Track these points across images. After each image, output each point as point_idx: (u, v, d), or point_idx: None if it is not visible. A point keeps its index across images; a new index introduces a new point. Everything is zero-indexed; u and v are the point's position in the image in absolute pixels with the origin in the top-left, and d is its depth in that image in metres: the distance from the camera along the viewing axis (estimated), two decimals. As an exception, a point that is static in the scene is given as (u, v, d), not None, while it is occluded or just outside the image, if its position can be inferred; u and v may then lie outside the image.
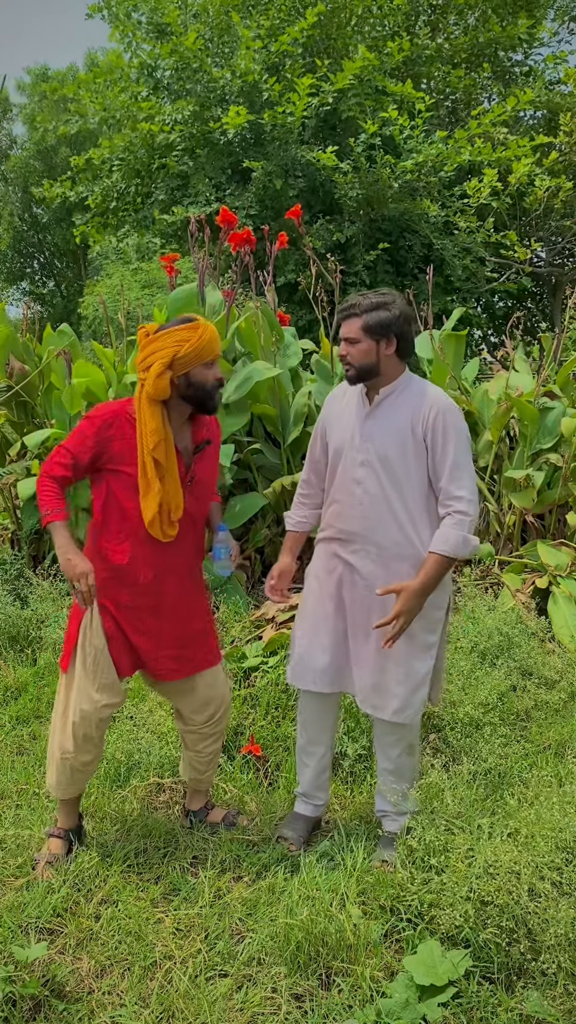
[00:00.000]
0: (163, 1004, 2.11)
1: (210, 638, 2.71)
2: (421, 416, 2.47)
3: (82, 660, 2.53)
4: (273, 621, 4.21)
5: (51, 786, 2.65)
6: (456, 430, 2.47)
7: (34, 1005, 2.10)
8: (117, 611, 2.53)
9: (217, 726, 2.72)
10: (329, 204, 10.62)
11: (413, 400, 2.50)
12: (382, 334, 2.47)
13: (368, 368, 2.50)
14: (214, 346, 2.41)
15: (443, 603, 2.60)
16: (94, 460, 2.44)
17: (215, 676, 2.69)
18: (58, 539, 2.39)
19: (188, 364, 2.38)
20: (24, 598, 4.63)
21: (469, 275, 10.65)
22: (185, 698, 2.68)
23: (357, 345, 2.49)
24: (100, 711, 2.53)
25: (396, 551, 2.52)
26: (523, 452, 5.11)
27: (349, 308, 2.50)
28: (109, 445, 2.43)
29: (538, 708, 3.58)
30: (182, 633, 2.61)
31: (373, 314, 2.46)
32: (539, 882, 2.14)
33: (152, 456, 2.39)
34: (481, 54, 12.29)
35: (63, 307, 23.30)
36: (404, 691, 2.56)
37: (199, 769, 2.78)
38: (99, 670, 2.52)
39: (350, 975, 2.17)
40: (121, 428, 2.43)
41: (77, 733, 2.53)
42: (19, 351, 5.35)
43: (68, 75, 22.54)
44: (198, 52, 10.44)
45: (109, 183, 11.44)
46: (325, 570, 2.67)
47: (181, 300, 4.94)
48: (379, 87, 10.61)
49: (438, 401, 2.49)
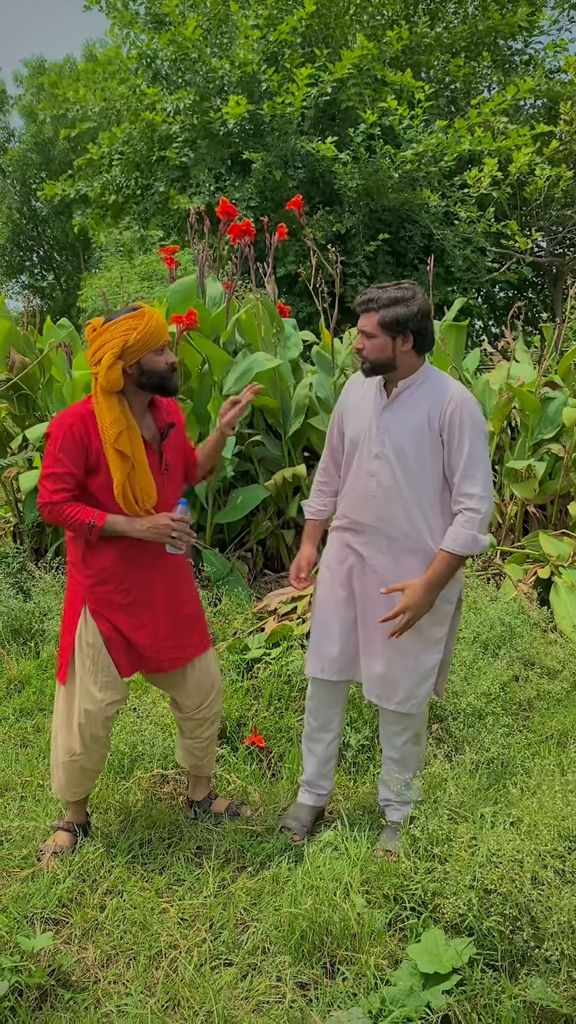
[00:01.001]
0: (168, 993, 2.12)
1: (200, 622, 2.72)
2: (439, 411, 2.45)
3: (81, 662, 2.52)
4: (275, 613, 4.22)
5: (58, 791, 2.65)
6: (474, 425, 2.45)
7: (40, 995, 2.11)
8: (111, 613, 2.52)
9: (211, 709, 2.73)
10: (329, 195, 10.59)
11: (432, 394, 2.48)
12: (398, 331, 2.43)
13: (383, 363, 2.48)
14: (161, 332, 2.38)
15: (453, 596, 2.60)
16: (86, 464, 2.41)
17: (206, 660, 2.71)
18: (121, 527, 2.40)
19: (138, 352, 2.36)
20: (27, 591, 4.63)
21: (470, 265, 10.63)
22: (179, 685, 2.68)
23: (373, 340, 2.45)
24: (104, 709, 2.53)
25: (407, 544, 2.52)
26: (524, 442, 5.11)
27: (368, 302, 2.46)
28: (90, 445, 2.39)
29: (540, 698, 3.58)
30: (176, 621, 2.61)
31: (390, 310, 2.41)
32: (542, 870, 2.15)
33: (116, 448, 2.36)
34: (481, 42, 12.24)
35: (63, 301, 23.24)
36: (410, 682, 2.57)
37: (198, 756, 2.78)
38: (99, 668, 2.52)
39: (354, 963, 2.18)
40: (90, 423, 2.40)
41: (84, 734, 2.53)
42: (20, 344, 5.35)
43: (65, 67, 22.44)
44: (197, 42, 10.40)
45: (109, 177, 11.41)
46: (337, 559, 2.68)
47: (181, 292, 4.92)
48: (378, 76, 10.57)
49: (457, 395, 2.46)
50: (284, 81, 10.31)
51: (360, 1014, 1.98)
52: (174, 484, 2.58)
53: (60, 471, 2.39)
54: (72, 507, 2.40)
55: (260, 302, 5.17)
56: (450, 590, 2.56)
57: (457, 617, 2.68)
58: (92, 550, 2.48)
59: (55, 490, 2.40)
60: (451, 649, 2.71)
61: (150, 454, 2.48)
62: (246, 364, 4.81)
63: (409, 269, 10.58)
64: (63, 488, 2.40)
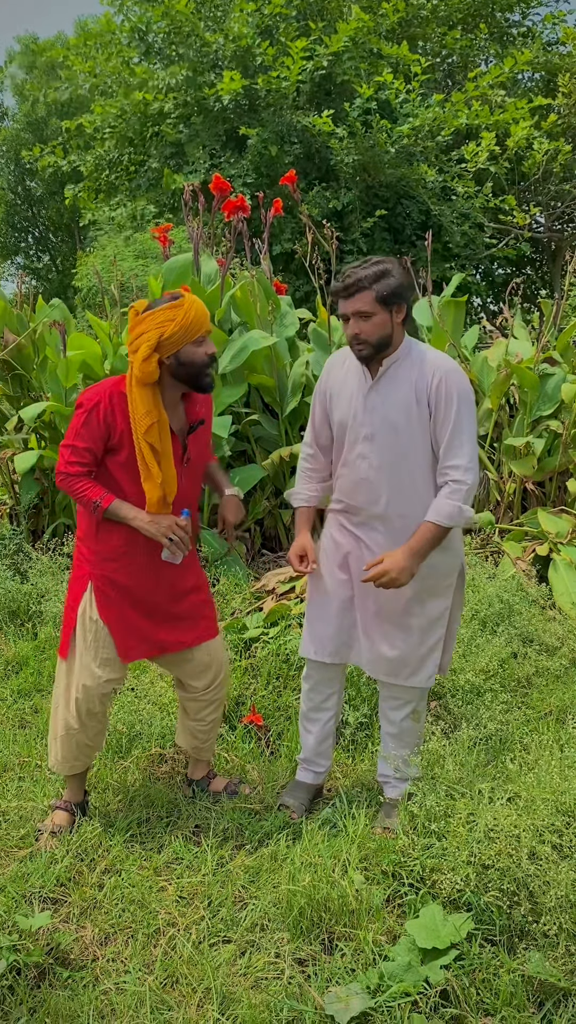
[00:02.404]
0: (167, 970, 2.12)
1: (209, 609, 2.71)
2: (426, 383, 2.41)
3: (82, 637, 2.53)
4: (273, 592, 4.21)
5: (55, 764, 2.65)
6: (460, 394, 2.40)
7: (39, 973, 2.11)
8: (115, 591, 2.51)
9: (217, 692, 2.72)
10: (325, 171, 10.48)
11: (417, 367, 2.44)
12: (395, 302, 2.38)
13: (384, 341, 2.41)
14: (201, 322, 2.35)
15: (452, 570, 2.58)
16: (106, 443, 2.41)
17: (214, 645, 2.70)
18: (125, 512, 2.40)
19: (176, 344, 2.33)
20: (24, 573, 4.62)
21: (468, 241, 10.53)
22: (185, 666, 2.68)
23: (372, 319, 2.37)
24: (102, 686, 2.53)
25: (403, 523, 2.50)
26: (523, 419, 5.07)
27: (355, 283, 2.36)
28: (114, 425, 2.39)
29: (539, 674, 3.58)
30: (182, 607, 2.61)
31: (382, 283, 2.35)
32: (540, 845, 2.15)
33: (146, 440, 2.35)
34: (478, 14, 12.07)
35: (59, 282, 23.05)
36: (416, 658, 2.57)
37: (200, 738, 2.78)
38: (99, 645, 2.52)
39: (352, 939, 2.18)
40: (119, 406, 2.40)
41: (81, 709, 2.54)
42: (14, 324, 5.30)
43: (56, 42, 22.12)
44: (190, 15, 10.24)
45: (102, 151, 11.28)
46: (333, 542, 2.66)
47: (176, 269, 4.87)
48: (374, 50, 10.43)
49: (441, 365, 2.42)
50: (279, 55, 10.17)
51: (358, 989, 1.98)
52: (192, 479, 2.56)
53: (80, 445, 2.40)
54: (83, 482, 2.41)
55: (256, 280, 5.12)
56: (447, 564, 2.54)
57: (460, 591, 2.66)
58: (103, 527, 2.48)
59: (71, 462, 2.41)
60: (457, 623, 2.70)
61: (175, 444, 2.47)
62: (242, 342, 4.77)
63: (407, 245, 10.49)
64: (79, 462, 2.41)
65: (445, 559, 2.54)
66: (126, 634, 2.54)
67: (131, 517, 2.40)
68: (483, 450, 5.15)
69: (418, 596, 2.54)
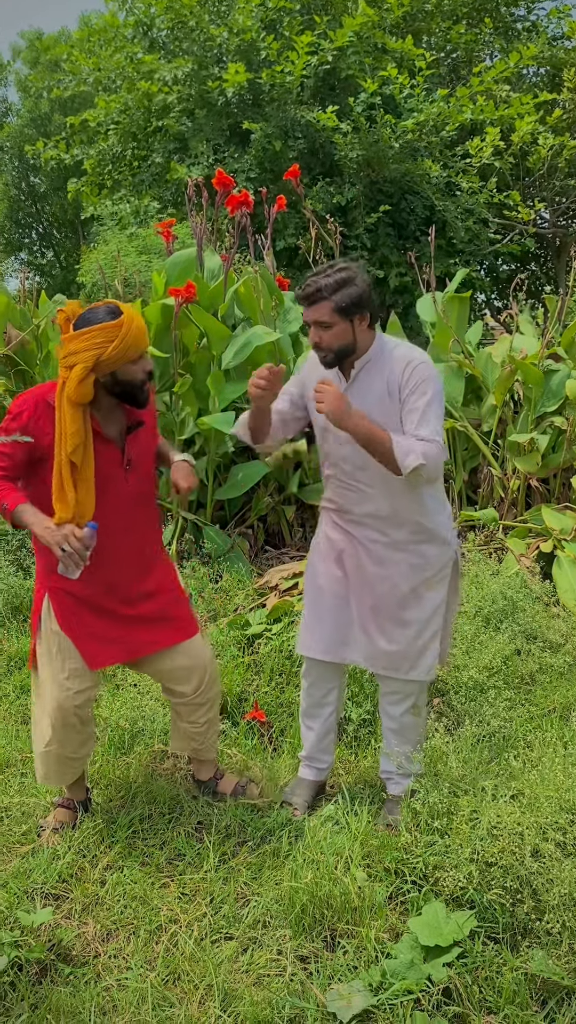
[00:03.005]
0: (169, 967, 2.12)
1: (179, 608, 2.62)
2: (396, 376, 2.40)
3: (47, 650, 2.47)
4: (276, 589, 4.20)
5: (41, 779, 2.61)
6: (429, 381, 2.38)
7: (40, 969, 2.11)
8: (71, 600, 2.45)
9: (207, 694, 2.64)
10: (329, 166, 10.44)
11: (388, 362, 2.43)
12: (355, 312, 2.34)
13: (346, 349, 2.39)
14: (140, 341, 2.27)
15: (446, 562, 2.58)
16: (30, 454, 2.33)
17: (193, 646, 2.60)
18: (28, 518, 2.28)
19: (113, 364, 2.26)
20: (26, 568, 4.62)
21: (472, 237, 10.49)
22: (166, 673, 2.60)
23: (331, 329, 2.35)
24: (73, 698, 2.45)
25: (393, 519, 2.51)
26: (527, 415, 5.05)
27: (315, 293, 2.33)
28: (41, 435, 2.31)
29: (542, 671, 3.56)
30: (146, 609, 2.53)
31: (342, 293, 2.31)
32: (543, 843, 2.14)
33: (70, 459, 2.27)
34: (482, 9, 12.01)
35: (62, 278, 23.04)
36: (414, 650, 2.57)
37: (197, 739, 2.71)
38: (64, 656, 2.46)
39: (355, 937, 2.18)
40: (48, 417, 2.31)
41: (56, 724, 2.47)
42: (17, 320, 5.29)
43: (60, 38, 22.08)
44: (195, 8, 10.21)
45: (105, 146, 11.25)
46: (327, 539, 2.67)
47: (180, 265, 4.86)
48: (379, 44, 10.38)
49: (408, 356, 2.40)
50: (284, 49, 10.13)
51: (361, 987, 1.98)
52: (137, 479, 2.48)
53: (6, 449, 2.31)
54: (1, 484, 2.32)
55: (259, 275, 5.11)
56: (441, 557, 2.56)
57: (455, 582, 2.66)
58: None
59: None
60: (453, 614, 2.69)
61: (112, 451, 2.40)
62: (245, 338, 4.76)
63: (410, 241, 10.45)
64: (4, 466, 2.32)
65: (438, 551, 2.55)
66: (89, 640, 2.47)
67: (31, 522, 2.27)
68: (487, 446, 5.13)
69: (414, 590, 2.54)
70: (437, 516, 2.55)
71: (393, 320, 5.83)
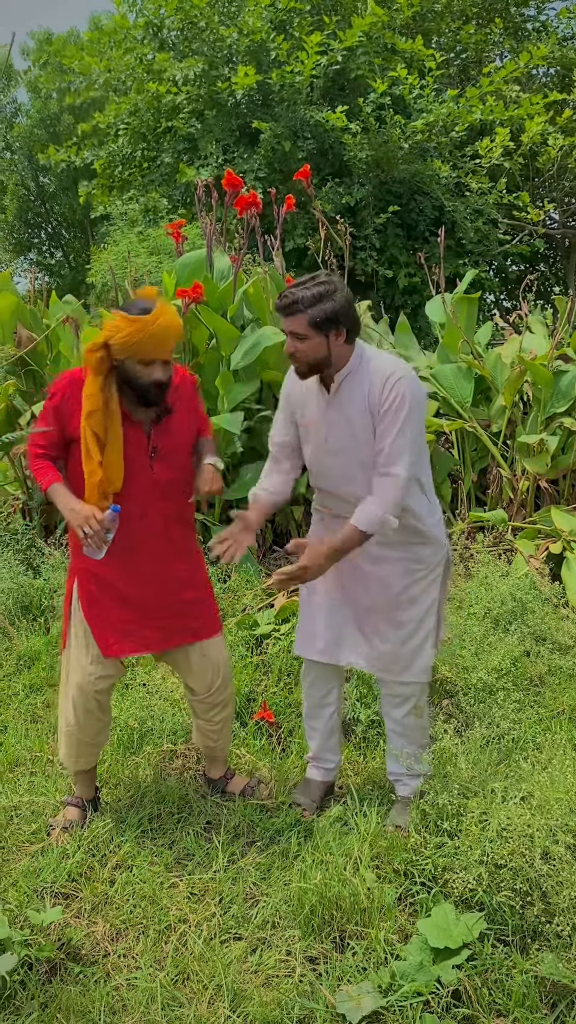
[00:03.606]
0: (178, 966, 2.12)
1: (203, 608, 2.63)
2: (376, 391, 2.37)
3: (75, 633, 2.54)
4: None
5: (62, 757, 2.67)
6: (403, 397, 2.35)
7: (50, 968, 2.12)
8: (98, 586, 2.49)
9: (220, 695, 2.66)
10: (338, 166, 10.43)
11: (369, 375, 2.40)
12: (330, 328, 2.33)
13: (319, 362, 2.38)
14: (152, 347, 2.28)
15: (438, 562, 2.59)
16: (62, 432, 2.41)
17: (211, 647, 2.62)
18: (58, 498, 2.38)
19: (120, 354, 2.30)
20: (36, 568, 4.63)
21: (481, 237, 10.47)
22: (182, 668, 2.64)
23: (306, 341, 2.35)
24: (95, 683, 2.52)
25: None
26: (537, 416, 5.04)
27: (291, 305, 2.32)
28: (68, 414, 2.38)
29: (552, 673, 3.56)
30: (169, 603, 2.54)
31: (318, 308, 2.30)
32: (553, 845, 2.13)
33: (89, 425, 2.31)
34: (492, 9, 11.98)
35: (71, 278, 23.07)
36: (408, 651, 2.58)
37: (212, 737, 2.75)
38: (88, 641, 2.52)
39: (364, 938, 2.18)
40: (74, 394, 2.38)
41: (77, 706, 2.54)
42: (27, 320, 5.31)
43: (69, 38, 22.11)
44: (204, 9, 10.21)
45: (115, 147, 11.27)
46: (320, 540, 2.64)
47: (190, 266, 4.87)
48: (388, 44, 10.36)
49: (386, 370, 2.38)
50: (293, 49, 10.13)
51: (370, 988, 1.98)
52: (166, 467, 2.48)
53: (41, 426, 2.41)
54: (39, 463, 2.42)
55: (268, 276, 5.11)
56: (433, 557, 2.56)
57: (447, 581, 2.67)
58: None
59: (34, 443, 2.44)
60: (444, 607, 2.69)
61: (138, 435, 2.42)
62: (254, 338, 4.76)
63: (420, 241, 10.44)
64: (38, 444, 2.43)
65: (431, 551, 2.56)
66: (105, 629, 2.51)
67: (59, 504, 2.37)
68: (496, 447, 5.12)
69: (407, 590, 2.55)
70: (428, 518, 2.54)
71: (402, 321, 5.83)
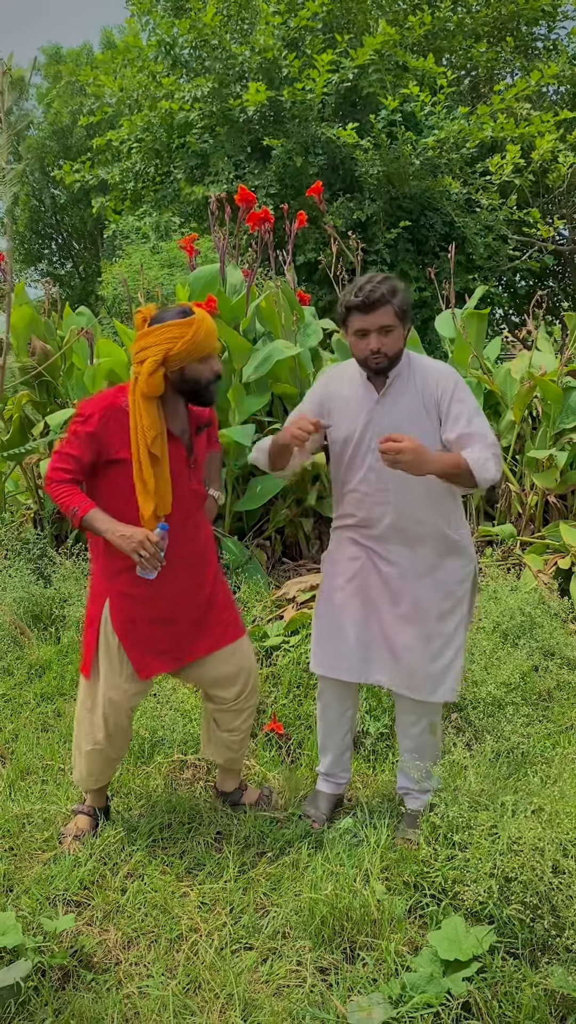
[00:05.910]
0: (189, 975, 2.14)
1: (229, 612, 2.66)
2: (430, 386, 2.45)
3: (106, 654, 2.51)
4: (294, 601, 4.22)
5: (80, 780, 2.66)
6: (466, 388, 2.48)
7: (63, 975, 2.13)
8: (132, 605, 2.48)
9: (249, 700, 2.67)
10: (350, 182, 10.52)
11: (419, 373, 2.49)
12: (408, 316, 2.45)
13: (399, 354, 2.46)
14: (208, 342, 2.34)
15: (467, 575, 2.59)
16: (95, 458, 2.39)
17: (239, 648, 2.64)
18: (100, 524, 2.34)
19: (182, 361, 2.33)
20: (47, 577, 4.66)
21: (491, 253, 10.53)
22: (210, 678, 2.62)
23: (392, 333, 2.40)
24: (131, 699, 2.53)
25: (419, 531, 2.52)
26: (546, 432, 5.07)
27: (380, 299, 2.36)
28: (108, 440, 2.37)
29: (560, 688, 3.57)
30: (201, 613, 2.57)
31: (399, 299, 2.40)
32: (563, 859, 2.14)
33: (151, 451, 2.34)
34: (504, 27, 12.09)
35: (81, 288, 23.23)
36: (438, 670, 2.55)
37: (233, 748, 2.73)
38: (124, 661, 2.51)
39: (375, 949, 2.19)
40: (117, 421, 2.37)
41: (109, 723, 2.52)
42: (41, 331, 5.36)
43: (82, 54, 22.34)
44: (217, 28, 10.33)
45: (128, 164, 11.39)
46: (346, 557, 2.64)
47: (203, 279, 4.92)
48: (400, 62, 10.47)
49: (436, 368, 2.50)
50: (305, 67, 10.24)
51: (380, 999, 1.98)
52: (198, 480, 2.56)
53: (71, 452, 2.38)
54: (66, 488, 2.37)
55: (280, 290, 5.16)
56: (462, 569, 2.57)
57: (473, 597, 2.67)
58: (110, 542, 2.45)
59: (57, 467, 2.40)
60: (466, 632, 2.69)
61: (178, 448, 2.46)
62: (266, 352, 4.81)
63: (430, 257, 10.50)
64: (64, 468, 2.39)
65: (461, 564, 2.56)
66: (145, 652, 2.51)
67: (104, 529, 2.33)
68: (505, 463, 5.15)
69: (437, 604, 2.54)
70: (461, 528, 2.57)
71: (412, 335, 5.86)
